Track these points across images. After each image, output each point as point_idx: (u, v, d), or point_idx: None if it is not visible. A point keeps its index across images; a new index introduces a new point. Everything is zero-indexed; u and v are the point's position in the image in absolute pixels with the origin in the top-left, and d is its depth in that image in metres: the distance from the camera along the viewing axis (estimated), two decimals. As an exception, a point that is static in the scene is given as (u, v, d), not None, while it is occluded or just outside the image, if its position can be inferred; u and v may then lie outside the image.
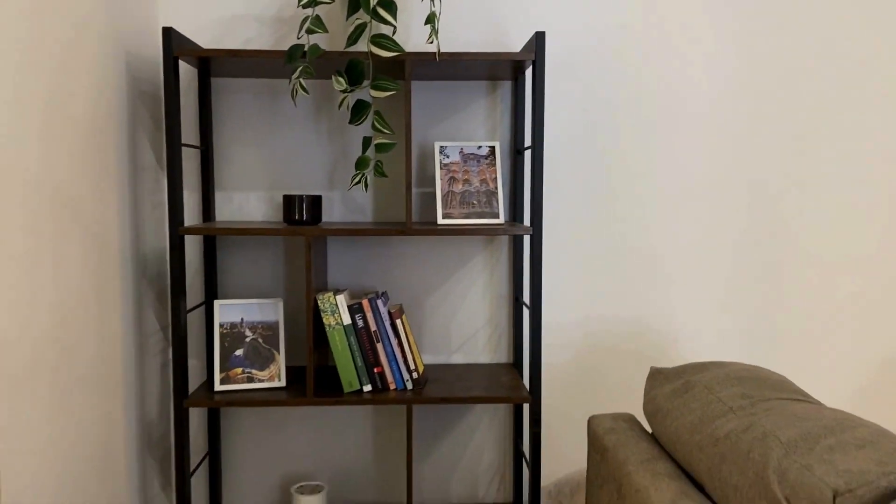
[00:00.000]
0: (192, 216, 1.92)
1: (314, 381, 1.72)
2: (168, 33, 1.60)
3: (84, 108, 1.43)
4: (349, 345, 1.71)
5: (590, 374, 2.02)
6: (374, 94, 1.63)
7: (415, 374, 1.74)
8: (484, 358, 2.01)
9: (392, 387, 1.73)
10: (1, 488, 1.14)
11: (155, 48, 1.84)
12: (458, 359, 2.00)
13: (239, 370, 1.74)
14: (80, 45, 1.42)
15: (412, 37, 1.92)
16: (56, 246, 1.31)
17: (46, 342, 1.28)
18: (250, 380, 1.74)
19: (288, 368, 1.92)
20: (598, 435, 1.51)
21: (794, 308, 2.04)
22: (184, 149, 1.88)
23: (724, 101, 1.98)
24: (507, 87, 1.95)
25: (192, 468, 1.90)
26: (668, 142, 1.98)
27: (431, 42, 1.60)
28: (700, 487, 1.25)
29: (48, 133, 1.29)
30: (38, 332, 1.25)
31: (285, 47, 1.90)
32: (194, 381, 1.95)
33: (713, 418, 1.25)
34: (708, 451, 1.20)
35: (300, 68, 1.60)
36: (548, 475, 2.03)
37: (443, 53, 1.62)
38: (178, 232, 1.64)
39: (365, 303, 1.71)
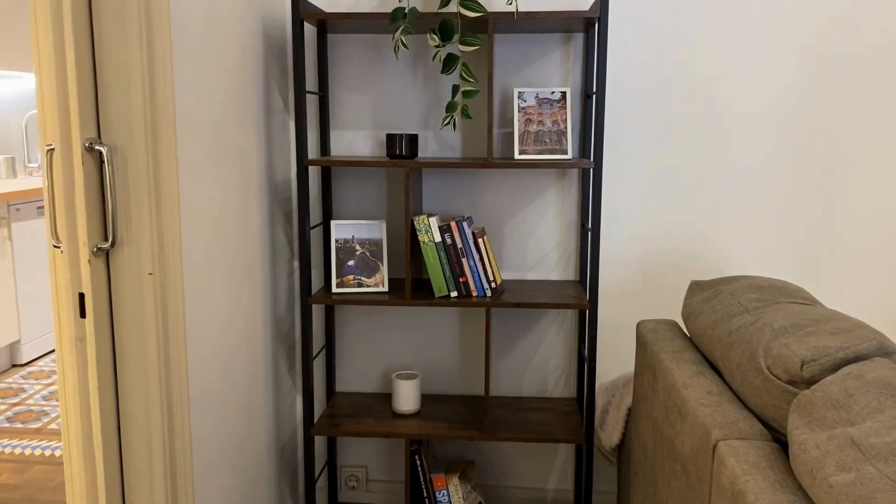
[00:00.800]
0: (312, 151, 2.31)
1: (411, 287, 2.11)
2: (296, 4, 1.96)
3: (233, 62, 1.82)
4: (439, 259, 2.07)
5: (645, 288, 2.33)
6: (462, 48, 1.95)
7: (493, 285, 2.10)
8: (554, 275, 2.34)
9: (474, 294, 2.10)
10: (187, 349, 1.57)
11: (284, 12, 2.21)
12: (531, 276, 2.35)
13: (351, 277, 2.14)
14: (232, 13, 1.80)
15: (496, -4, 2.22)
16: (215, 170, 1.72)
17: (215, 239, 1.70)
18: (360, 285, 2.14)
19: (389, 280, 2.32)
20: (643, 334, 1.83)
21: (844, 234, 2.27)
22: (306, 95, 2.27)
23: (788, 48, 2.19)
24: (579, 38, 2.22)
25: (312, 355, 2.34)
26: (728, 91, 2.22)
27: (511, 3, 1.89)
28: (717, 371, 1.56)
29: (213, 81, 1.68)
30: (210, 232, 1.67)
31: (389, 10, 2.24)
32: (314, 286, 2.38)
33: (730, 317, 1.55)
34: (723, 341, 1.51)
35: (401, 27, 1.94)
36: (605, 374, 2.37)
37: (520, 13, 1.92)
38: (303, 164, 2.03)
39: (453, 224, 2.07)
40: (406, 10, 1.91)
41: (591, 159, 2.20)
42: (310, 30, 2.24)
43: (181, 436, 1.51)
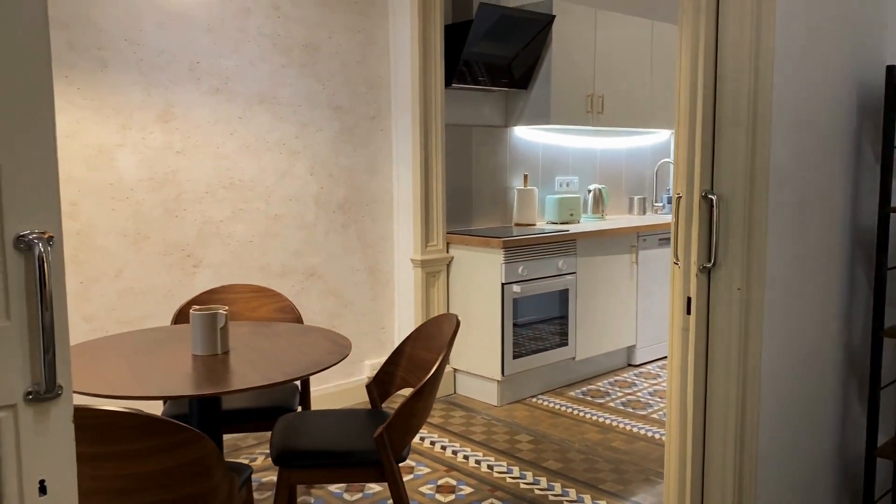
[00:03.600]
0: (899, 199, 2.50)
1: None
2: (891, 70, 2.23)
3: (825, 122, 2.20)
4: None
5: None
6: None
7: None
8: None
9: None
10: (762, 351, 2.03)
11: (878, 78, 2.48)
12: None
13: (927, 318, 2.28)
14: (826, 81, 2.19)
15: None
16: (800, 213, 2.14)
17: (796, 268, 2.12)
18: (936, 326, 2.26)
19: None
20: None
21: None
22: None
23: None
24: None
25: (881, 385, 2.52)
26: None
27: None
28: None
29: (804, 142, 2.11)
30: (791, 263, 2.10)
31: None
32: (887, 322, 2.55)
33: None
34: None
35: None
36: None
37: None
38: (885, 211, 2.28)
39: None
40: None
41: None
42: None
43: (751, 414, 1.98)
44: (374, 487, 3.11)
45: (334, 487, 3.14)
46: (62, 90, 3.05)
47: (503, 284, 4.02)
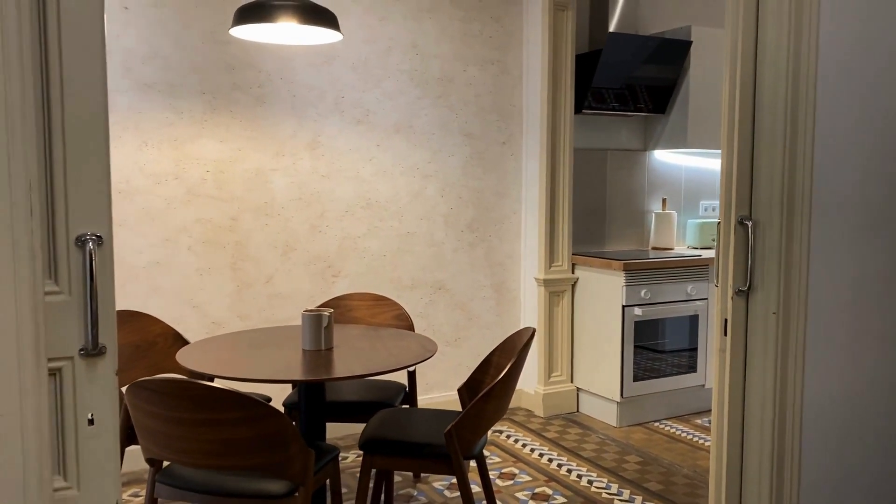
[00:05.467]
0: None
1: None
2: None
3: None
4: None
5: None
6: None
7: None
8: None
9: None
10: (804, 374, 2.03)
11: None
12: None
13: None
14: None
15: None
16: (852, 236, 2.10)
17: (850, 296, 2.09)
18: None
19: None
20: None
21: None
22: None
23: None
24: None
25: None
26: None
27: None
28: None
29: (854, 162, 2.08)
30: (844, 291, 2.07)
31: None
32: None
33: None
34: None
35: None
36: None
37: None
38: (974, 241, 2.15)
39: None
40: None
41: None
42: None
43: (790, 439, 1.99)
44: (475, 489, 3.33)
45: (437, 483, 3.41)
46: (227, 122, 3.63)
47: (623, 307, 4.09)
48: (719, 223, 2.04)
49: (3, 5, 1.15)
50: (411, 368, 3.25)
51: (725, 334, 2.02)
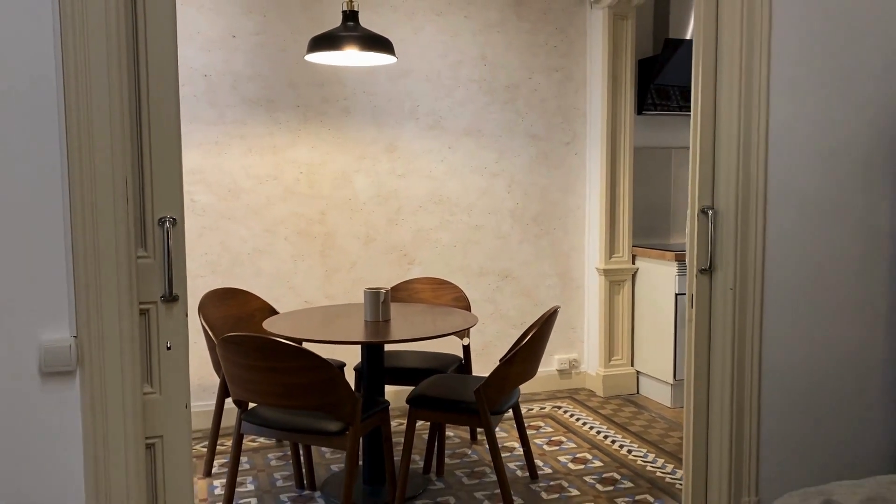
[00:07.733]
0: None
1: None
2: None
3: (857, 138, 2.40)
4: None
5: None
6: None
7: None
8: None
9: None
10: (762, 341, 2.34)
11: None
12: None
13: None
14: (863, 99, 2.39)
15: None
16: (812, 222, 2.38)
17: (809, 274, 2.37)
18: None
19: None
20: None
21: None
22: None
23: None
24: None
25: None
26: None
27: None
28: None
29: (817, 167, 2.36)
30: (800, 269, 2.36)
31: None
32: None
33: None
34: None
35: None
36: None
37: None
38: (937, 228, 2.38)
39: None
40: None
41: None
42: None
43: (749, 396, 2.31)
44: (518, 449, 3.75)
45: (487, 445, 3.87)
46: (317, 131, 4.24)
47: (676, 294, 4.38)
48: (688, 214, 2.38)
49: (110, 55, 1.74)
50: (465, 342, 3.73)
51: (692, 307, 2.37)
